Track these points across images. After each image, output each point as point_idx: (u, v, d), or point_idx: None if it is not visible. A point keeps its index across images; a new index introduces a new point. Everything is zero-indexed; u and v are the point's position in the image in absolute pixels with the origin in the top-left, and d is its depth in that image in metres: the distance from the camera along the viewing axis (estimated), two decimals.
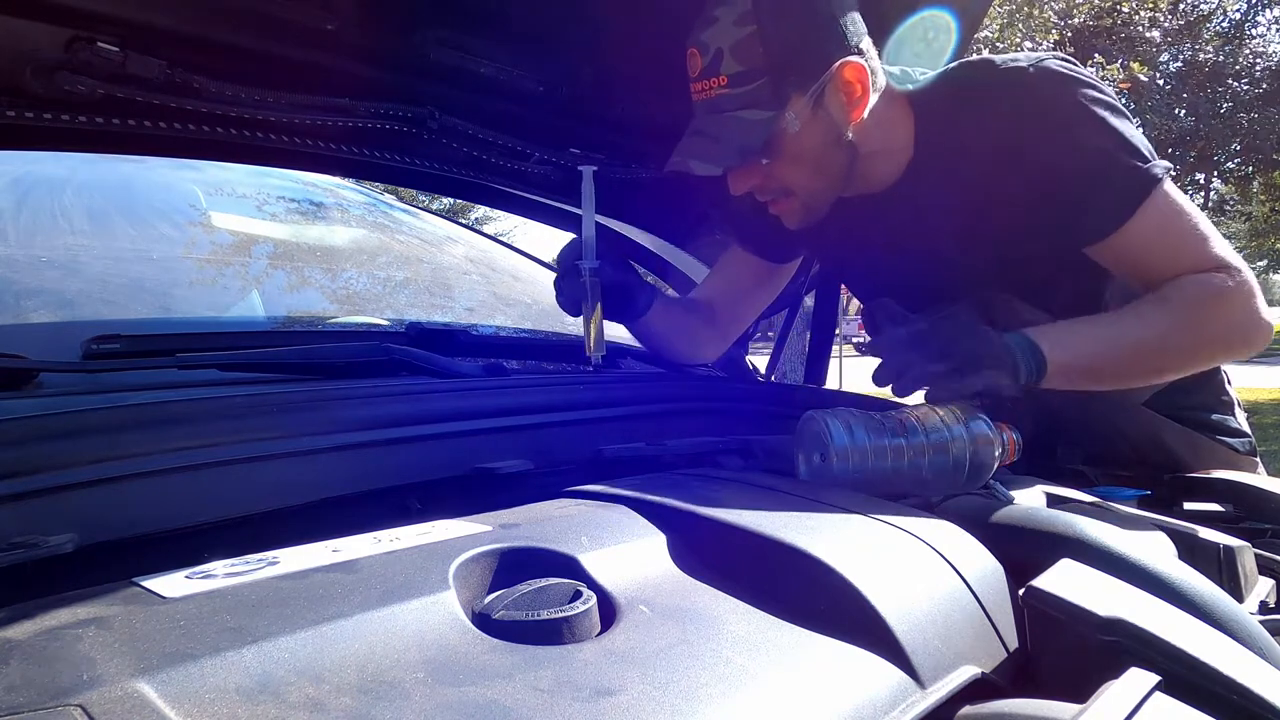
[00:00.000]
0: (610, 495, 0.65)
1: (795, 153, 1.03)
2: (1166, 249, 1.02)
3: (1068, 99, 1.01)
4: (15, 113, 0.93)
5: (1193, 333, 1.01)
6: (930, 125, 1.10)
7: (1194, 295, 1.00)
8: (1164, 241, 1.02)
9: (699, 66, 1.01)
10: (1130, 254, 1.03)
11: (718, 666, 0.43)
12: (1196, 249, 1.02)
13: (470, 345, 1.16)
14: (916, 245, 1.15)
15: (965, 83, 1.08)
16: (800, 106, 1.00)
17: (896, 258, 1.19)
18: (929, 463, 0.80)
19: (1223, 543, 0.74)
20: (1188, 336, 1.01)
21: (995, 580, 0.58)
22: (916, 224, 1.14)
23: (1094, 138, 1.00)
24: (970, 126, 1.06)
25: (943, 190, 1.10)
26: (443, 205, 10.93)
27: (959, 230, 1.11)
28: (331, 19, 1.03)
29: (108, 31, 0.92)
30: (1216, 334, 1.03)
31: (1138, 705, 0.42)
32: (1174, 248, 1.02)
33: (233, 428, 0.66)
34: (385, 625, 0.42)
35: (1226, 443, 1.25)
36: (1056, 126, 1.01)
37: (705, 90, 1.02)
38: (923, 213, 1.13)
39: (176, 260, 1.25)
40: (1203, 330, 1.01)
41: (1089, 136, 1.00)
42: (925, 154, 1.11)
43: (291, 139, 1.15)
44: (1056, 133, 1.01)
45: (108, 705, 0.33)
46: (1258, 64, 12.13)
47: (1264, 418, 7.86)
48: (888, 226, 1.17)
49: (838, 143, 1.05)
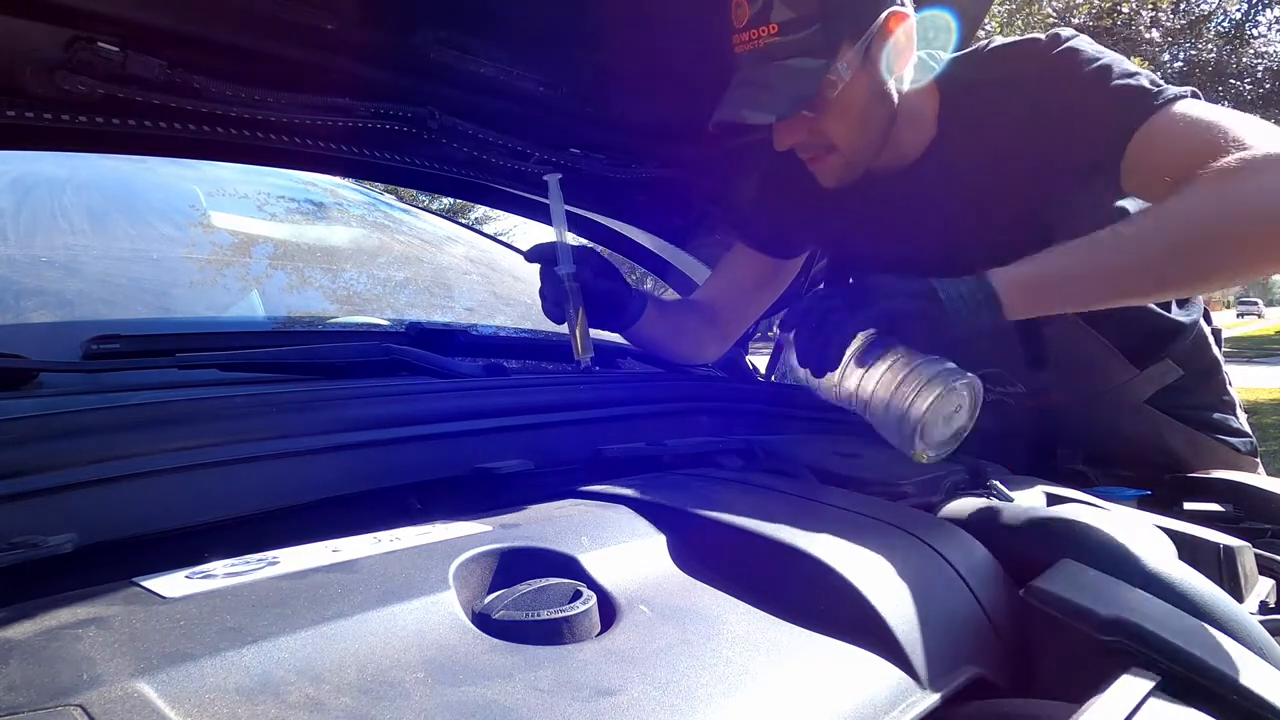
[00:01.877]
0: (610, 495, 0.65)
1: (843, 104, 1.03)
2: (1189, 153, 0.90)
3: (1082, 57, 1.01)
4: (15, 113, 0.93)
5: (1203, 216, 0.87)
6: (953, 102, 1.11)
7: (1207, 178, 0.87)
8: (1186, 145, 0.91)
9: (745, 16, 1.01)
10: (1150, 162, 0.95)
11: (718, 666, 0.43)
12: (1221, 145, 0.88)
13: (470, 345, 1.16)
14: (933, 226, 1.16)
15: (987, 60, 1.09)
16: (850, 56, 1.00)
17: (910, 240, 1.19)
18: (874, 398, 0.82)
19: (1223, 543, 0.74)
20: (1196, 221, 0.87)
21: (995, 580, 0.58)
22: (935, 203, 1.14)
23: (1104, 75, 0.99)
24: (991, 102, 1.07)
25: (963, 168, 1.11)
26: (443, 205, 10.92)
27: (977, 210, 1.12)
28: (331, 19, 1.03)
29: (108, 31, 0.92)
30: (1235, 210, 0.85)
31: (1138, 705, 0.42)
32: (1196, 150, 0.90)
33: (233, 428, 0.66)
34: (385, 625, 0.42)
35: (1228, 442, 1.25)
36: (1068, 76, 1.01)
37: (753, 39, 1.01)
38: (942, 191, 1.13)
39: (176, 260, 1.25)
40: (1217, 209, 0.86)
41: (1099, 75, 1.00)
42: (947, 131, 1.12)
43: (291, 139, 1.15)
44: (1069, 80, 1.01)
45: (108, 705, 0.33)
46: (1259, 64, 12.12)
47: (1264, 418, 7.85)
48: (905, 206, 1.17)
49: (883, 97, 1.06)
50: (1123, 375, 1.20)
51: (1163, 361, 1.20)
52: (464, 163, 1.36)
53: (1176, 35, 11.72)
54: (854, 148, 1.08)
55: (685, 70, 1.31)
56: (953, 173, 1.11)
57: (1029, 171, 1.06)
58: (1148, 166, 0.96)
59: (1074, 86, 1.01)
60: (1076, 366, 1.18)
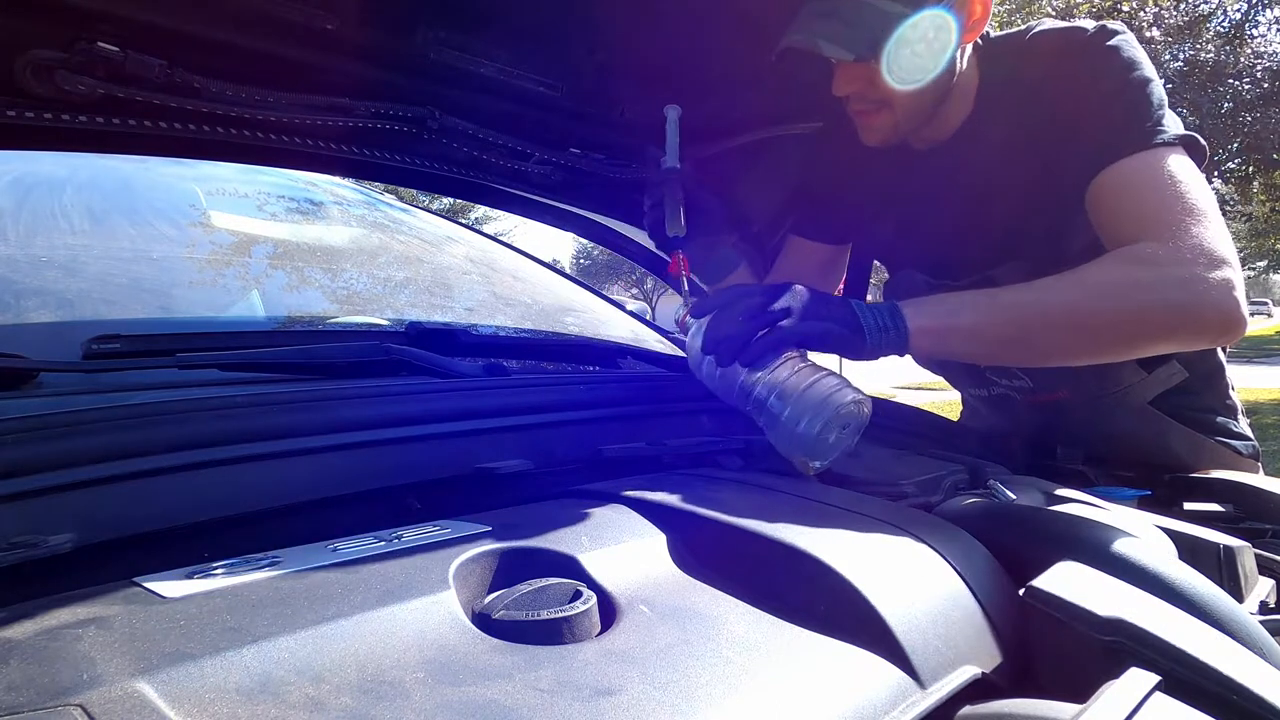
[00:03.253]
0: (610, 495, 0.65)
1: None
2: (1135, 211, 0.96)
3: (1112, 64, 1.02)
4: (15, 113, 0.93)
5: (1101, 298, 0.92)
6: (992, 81, 1.12)
7: (1114, 261, 0.93)
8: (1136, 202, 0.96)
9: None
10: (1104, 204, 0.99)
11: (718, 666, 0.43)
12: (1164, 221, 0.93)
13: (470, 345, 1.16)
14: (957, 206, 1.17)
15: (1030, 45, 1.10)
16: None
17: (939, 218, 1.20)
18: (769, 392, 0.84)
19: (1223, 543, 0.74)
20: (1091, 301, 0.92)
21: (995, 580, 0.58)
22: (961, 183, 1.15)
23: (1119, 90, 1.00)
24: (1025, 89, 1.08)
25: (990, 151, 1.12)
26: (443, 205, 10.92)
27: (1004, 189, 1.13)
28: (331, 19, 1.03)
29: (108, 31, 0.92)
30: (1127, 300, 0.91)
31: (1138, 705, 0.42)
32: (1142, 213, 0.95)
33: (233, 428, 0.66)
34: (385, 625, 0.42)
35: (1230, 445, 1.25)
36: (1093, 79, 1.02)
37: None
38: (973, 170, 1.14)
39: (176, 260, 1.25)
40: (1112, 296, 0.91)
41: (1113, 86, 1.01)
42: (982, 111, 1.13)
43: (292, 139, 1.15)
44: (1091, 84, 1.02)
45: (108, 705, 0.33)
46: (1259, 64, 12.12)
47: (1264, 418, 7.86)
48: (935, 183, 1.18)
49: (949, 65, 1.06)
50: (1133, 378, 1.21)
51: (1169, 363, 1.20)
52: (464, 163, 1.36)
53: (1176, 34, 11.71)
54: (908, 109, 1.08)
55: (686, 70, 1.31)
56: (980, 154, 1.13)
57: (1044, 165, 1.07)
58: (1102, 205, 1.00)
59: (1091, 94, 1.02)
60: (1090, 367, 1.18)
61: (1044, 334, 0.94)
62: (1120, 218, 0.98)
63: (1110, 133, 0.99)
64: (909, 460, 0.97)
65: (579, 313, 1.66)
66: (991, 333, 0.94)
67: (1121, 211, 0.98)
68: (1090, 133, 1.01)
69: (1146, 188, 0.96)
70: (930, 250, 1.24)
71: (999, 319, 0.94)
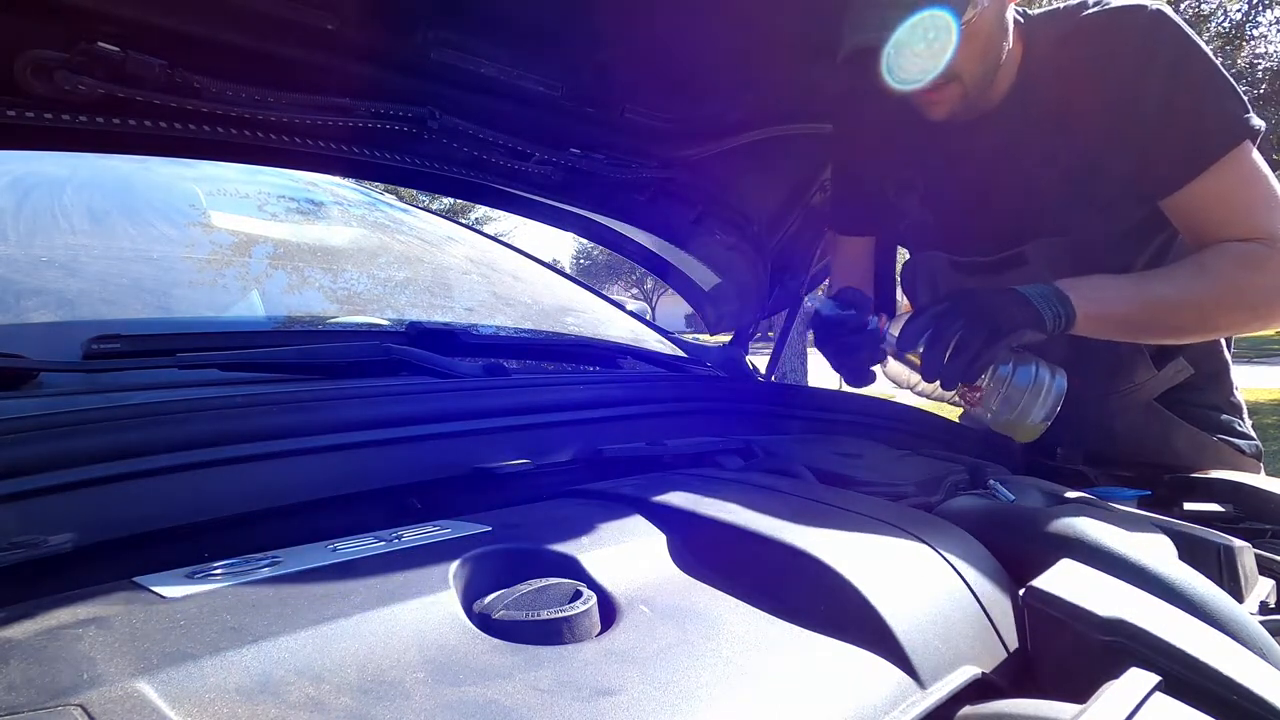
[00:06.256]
0: (610, 495, 0.65)
1: (976, 29, 1.04)
2: (1225, 213, 1.05)
3: (1176, 57, 1.03)
4: (15, 113, 0.93)
5: (1223, 297, 1.06)
6: (1035, 53, 1.13)
7: (1231, 263, 1.04)
8: (1225, 205, 1.05)
9: None
10: (1190, 210, 1.07)
11: (718, 666, 0.43)
12: (1253, 217, 1.05)
13: (470, 345, 1.16)
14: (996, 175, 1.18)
15: (1081, 24, 1.11)
16: None
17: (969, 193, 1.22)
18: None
19: (1223, 543, 0.74)
20: (1217, 300, 1.06)
21: (995, 580, 0.58)
22: (1005, 155, 1.17)
23: (1185, 85, 1.03)
24: (1071, 58, 1.09)
25: (1030, 120, 1.13)
26: (443, 205, 10.93)
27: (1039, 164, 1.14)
28: (331, 19, 1.03)
29: (108, 31, 0.92)
30: (1246, 300, 1.06)
31: (1138, 705, 0.42)
32: (1232, 213, 1.05)
33: (233, 428, 0.66)
34: (385, 625, 0.42)
35: (1233, 444, 1.25)
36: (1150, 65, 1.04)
37: None
38: (1014, 143, 1.15)
39: (176, 260, 1.25)
40: (1234, 296, 1.06)
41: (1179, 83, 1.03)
42: (1026, 80, 1.14)
43: (292, 139, 1.15)
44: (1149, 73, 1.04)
45: (108, 705, 0.33)
46: (1259, 65, 12.12)
47: (1264, 418, 7.85)
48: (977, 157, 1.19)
49: (1004, 28, 1.08)
50: (1144, 375, 1.21)
51: (1177, 359, 1.21)
52: (464, 162, 1.36)
53: None
54: (975, 78, 1.09)
55: (686, 69, 1.31)
56: (1024, 125, 1.14)
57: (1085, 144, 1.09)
58: (1193, 210, 1.07)
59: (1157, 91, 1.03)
60: (1104, 363, 1.20)
61: (1173, 326, 1.09)
62: (1218, 218, 1.06)
63: (1200, 135, 1.03)
64: (909, 460, 0.97)
65: (579, 313, 1.66)
66: (1136, 320, 1.07)
67: (1220, 211, 1.06)
68: (1175, 132, 1.04)
69: (1240, 185, 1.05)
70: (958, 228, 1.25)
71: (1144, 313, 1.06)
